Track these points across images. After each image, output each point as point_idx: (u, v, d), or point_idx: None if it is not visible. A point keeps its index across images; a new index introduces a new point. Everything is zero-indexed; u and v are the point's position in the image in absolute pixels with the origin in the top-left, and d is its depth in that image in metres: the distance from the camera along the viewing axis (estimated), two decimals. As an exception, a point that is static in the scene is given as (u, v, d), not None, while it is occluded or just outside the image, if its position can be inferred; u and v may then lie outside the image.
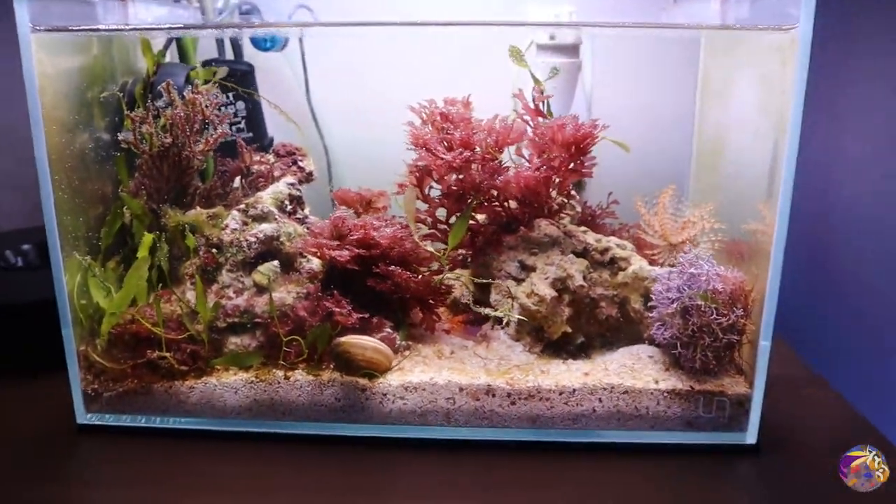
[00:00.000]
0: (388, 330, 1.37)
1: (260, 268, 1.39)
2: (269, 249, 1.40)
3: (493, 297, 1.49)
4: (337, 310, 1.29)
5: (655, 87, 1.96)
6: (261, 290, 1.37)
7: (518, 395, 1.31)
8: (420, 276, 1.36)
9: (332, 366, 1.32)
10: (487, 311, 1.41)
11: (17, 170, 1.80)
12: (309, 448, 1.26)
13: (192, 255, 1.35)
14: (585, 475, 1.19)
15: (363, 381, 1.30)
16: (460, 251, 1.55)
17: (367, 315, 1.32)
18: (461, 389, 1.30)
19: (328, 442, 1.28)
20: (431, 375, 1.31)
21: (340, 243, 1.42)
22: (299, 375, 1.31)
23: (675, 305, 1.36)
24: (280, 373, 1.32)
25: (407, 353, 1.36)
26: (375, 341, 1.31)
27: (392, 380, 1.31)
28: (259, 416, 1.32)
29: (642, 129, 1.79)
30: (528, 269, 1.50)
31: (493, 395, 1.30)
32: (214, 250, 1.37)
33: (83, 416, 1.34)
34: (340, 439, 1.29)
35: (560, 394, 1.30)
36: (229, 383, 1.32)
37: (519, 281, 1.50)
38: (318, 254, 1.35)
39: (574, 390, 1.36)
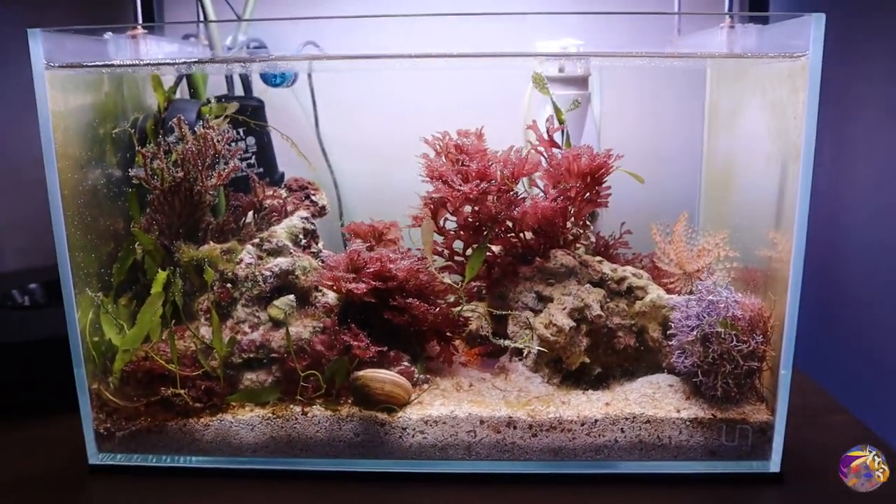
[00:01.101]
0: (406, 363, 1.35)
1: (276, 302, 1.37)
2: (284, 283, 1.39)
3: (511, 328, 1.47)
4: (355, 343, 1.27)
5: (663, 117, 1.97)
6: (277, 324, 1.35)
7: (539, 427, 1.29)
8: (437, 309, 1.33)
9: (350, 400, 1.30)
10: (507, 342, 1.39)
11: (24, 208, 1.79)
12: (328, 485, 1.24)
13: (208, 290, 1.31)
14: None
15: (382, 416, 1.28)
16: (476, 283, 1.53)
17: (384, 348, 1.30)
18: (482, 422, 1.28)
19: (347, 478, 1.26)
20: (452, 409, 1.30)
21: (357, 276, 1.40)
22: (317, 411, 1.30)
23: (695, 333, 1.35)
24: (297, 408, 1.30)
25: (426, 386, 1.34)
26: (394, 375, 1.29)
27: (411, 414, 1.29)
28: (276, 453, 1.30)
29: (651, 159, 1.81)
30: (544, 299, 1.50)
31: (515, 427, 1.29)
32: (229, 285, 1.35)
33: (95, 456, 1.31)
34: (360, 475, 1.26)
35: (582, 424, 1.29)
36: (245, 420, 1.30)
37: (536, 312, 1.49)
38: (335, 287, 1.34)
39: (596, 421, 1.34)
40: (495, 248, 1.57)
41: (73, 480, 1.26)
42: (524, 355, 1.40)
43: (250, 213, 1.61)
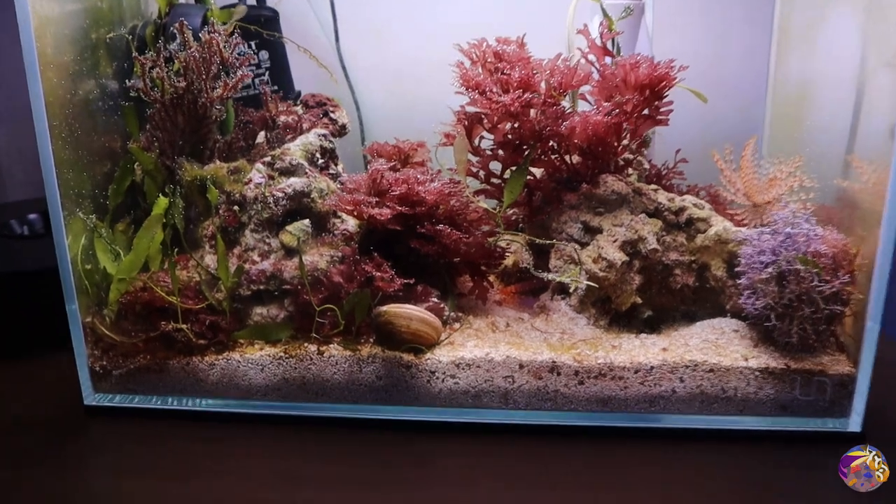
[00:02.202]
0: (435, 299, 1.23)
1: (288, 227, 1.25)
2: (298, 207, 1.27)
3: (553, 262, 1.31)
4: (378, 274, 1.12)
5: (724, 33, 1.74)
6: (289, 252, 1.24)
7: (587, 374, 1.17)
8: (471, 238, 1.21)
9: (372, 339, 1.19)
10: (551, 276, 1.22)
11: (26, 139, 1.66)
12: (345, 433, 1.15)
13: (212, 213, 1.15)
14: (663, 466, 1.06)
15: (408, 357, 1.17)
16: (514, 211, 1.36)
17: (411, 281, 1.17)
18: (521, 367, 1.16)
19: (367, 426, 1.16)
20: (487, 351, 1.18)
21: (380, 200, 1.25)
22: (334, 350, 1.18)
23: (769, 270, 1.16)
24: (312, 347, 1.19)
25: (457, 325, 1.23)
26: (422, 311, 1.18)
27: (441, 355, 1.17)
28: (288, 396, 1.20)
29: (708, 79, 1.58)
30: (592, 230, 1.33)
31: (559, 374, 1.17)
32: (236, 208, 1.25)
33: (91, 397, 1.23)
34: (381, 423, 1.17)
35: (635, 372, 1.17)
36: (255, 359, 1.20)
37: (583, 244, 1.32)
38: (355, 212, 1.22)
39: (651, 368, 1.18)
40: (537, 172, 1.40)
41: (68, 423, 1.18)
42: (572, 291, 1.22)
43: (262, 134, 1.42)
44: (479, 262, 1.23)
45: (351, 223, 1.27)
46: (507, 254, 1.33)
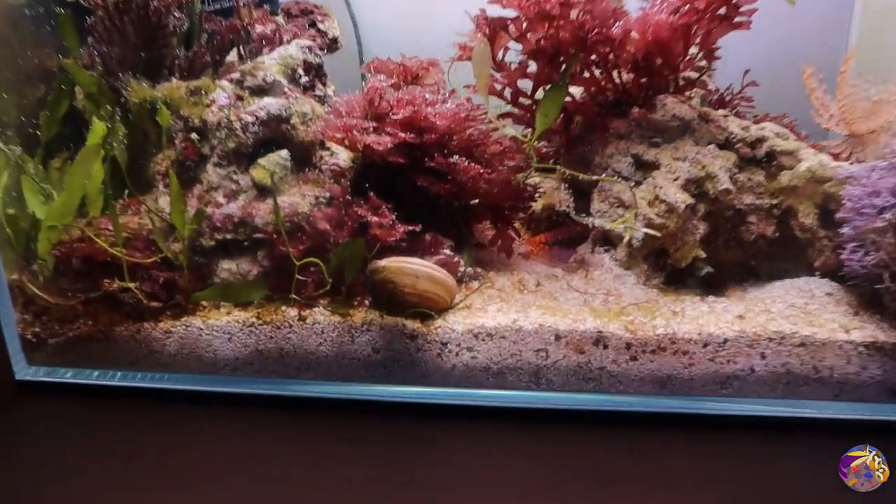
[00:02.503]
0: (447, 251, 1.04)
1: (261, 161, 1.05)
2: (273, 135, 1.07)
3: (596, 205, 1.09)
4: (375, 220, 0.97)
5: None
6: (263, 192, 1.04)
7: (642, 347, 0.96)
8: (493, 173, 1.02)
9: (367, 302, 1.00)
10: (600, 222, 0.95)
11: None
12: (334, 419, 0.96)
13: (165, 144, 1.04)
14: (734, 464, 0.88)
15: (413, 325, 0.98)
16: (543, 144, 1.16)
17: (417, 228, 0.99)
18: (558, 338, 0.97)
19: (361, 410, 0.98)
20: (514, 317, 0.98)
21: (379, 126, 1.02)
22: (320, 316, 0.99)
23: (886, 217, 0.88)
24: (292, 312, 1.00)
25: (475, 284, 1.05)
26: (431, 266, 0.98)
27: (456, 322, 0.98)
28: (263, 371, 1.01)
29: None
30: (646, 166, 1.09)
31: (605, 346, 0.97)
32: (195, 136, 1.04)
33: (23, 371, 1.05)
34: (379, 407, 0.98)
35: (704, 346, 0.96)
36: (221, 326, 1.01)
37: (635, 183, 1.08)
38: (347, 141, 1.03)
39: (725, 341, 0.96)
40: (575, 92, 1.16)
41: (-7, 401, 0.99)
42: (626, 240, 0.95)
43: (233, 49, 1.14)
44: (502, 205, 1.06)
45: (343, 156, 1.08)
46: (537, 194, 1.07)
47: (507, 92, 1.10)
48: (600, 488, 0.84)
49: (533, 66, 1.10)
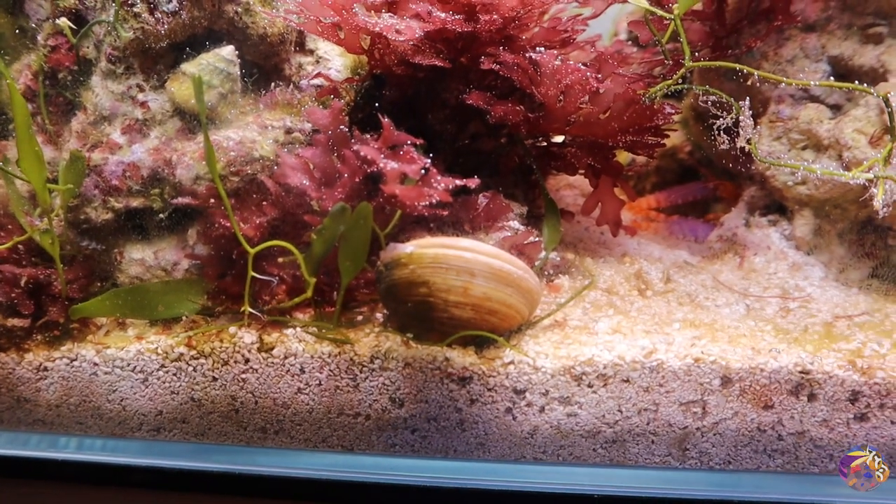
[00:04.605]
0: (515, 223, 0.69)
1: (186, 66, 0.68)
2: (210, 21, 0.70)
3: (767, 143, 0.75)
4: (392, 166, 0.59)
5: None
6: (190, 121, 0.69)
7: (879, 398, 0.61)
8: (603, 85, 0.64)
9: (380, 317, 0.68)
10: (824, 170, 0.58)
11: None
12: None
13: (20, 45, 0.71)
14: None
15: (463, 358, 0.65)
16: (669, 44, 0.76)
17: (472, 183, 0.64)
18: (727, 382, 0.62)
19: (372, 500, 0.68)
20: (647, 343, 0.63)
21: (398, 2, 0.66)
22: (296, 343, 0.66)
23: None
24: (248, 336, 0.66)
25: (564, 281, 0.69)
26: (495, 253, 0.62)
27: (539, 353, 0.64)
28: (204, 435, 0.72)
29: None
30: (857, 76, 0.76)
31: (812, 397, 0.62)
32: (68, 24, 0.66)
33: None
34: (401, 495, 0.67)
35: None
36: (128, 360, 0.69)
37: (832, 108, 0.76)
38: (343, 32, 0.66)
39: None
40: None
41: None
42: (881, 199, 0.61)
43: None
44: (616, 142, 0.68)
45: (336, 62, 0.76)
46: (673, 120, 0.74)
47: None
48: None
49: None
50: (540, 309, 0.69)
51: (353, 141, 0.64)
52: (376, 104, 0.72)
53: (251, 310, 0.67)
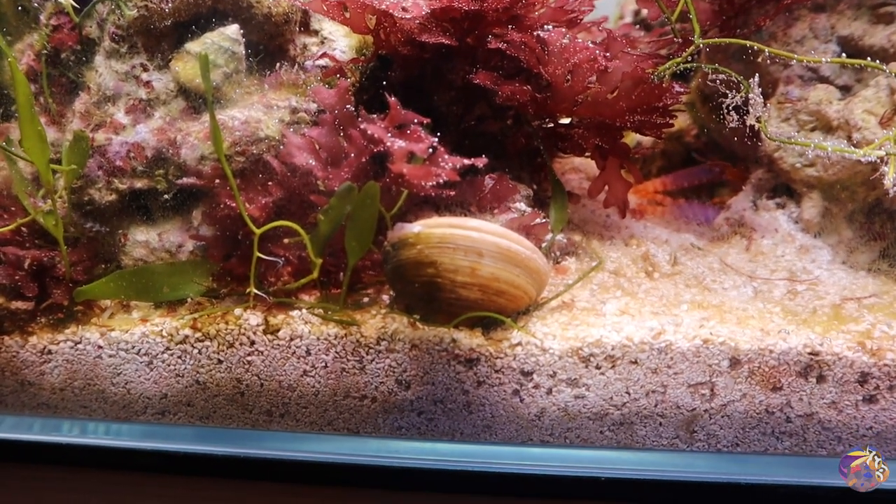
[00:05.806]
0: (522, 205, 0.69)
1: (191, 45, 0.67)
2: (215, 3, 0.69)
3: (776, 124, 0.74)
4: (399, 145, 0.59)
5: None
6: (195, 101, 0.68)
7: (889, 380, 0.60)
8: (611, 63, 0.62)
9: (386, 298, 0.67)
10: (834, 146, 0.57)
11: None
12: (332, 497, 0.66)
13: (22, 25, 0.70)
14: None
15: (471, 340, 0.64)
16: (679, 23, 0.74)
17: (479, 163, 0.62)
18: (736, 363, 0.61)
19: (378, 483, 0.66)
20: (655, 325, 0.62)
21: None
22: (302, 324, 0.65)
23: None
24: (254, 318, 0.65)
25: (571, 263, 0.69)
26: (503, 232, 0.62)
27: (547, 334, 0.63)
28: (209, 418, 0.72)
29: None
30: (865, 54, 0.75)
31: (821, 378, 0.61)
32: (71, 2, 0.67)
33: None
34: (409, 478, 0.65)
35: None
36: (133, 342, 0.68)
37: (842, 88, 0.75)
38: (349, 13, 0.66)
39: None
40: None
41: None
42: (892, 178, 0.59)
43: None
44: (623, 122, 0.67)
45: (341, 43, 0.75)
46: (681, 100, 0.72)
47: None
48: None
49: None
50: (547, 290, 0.68)
51: (359, 120, 0.62)
52: (383, 86, 0.71)
53: (257, 291, 0.66)
